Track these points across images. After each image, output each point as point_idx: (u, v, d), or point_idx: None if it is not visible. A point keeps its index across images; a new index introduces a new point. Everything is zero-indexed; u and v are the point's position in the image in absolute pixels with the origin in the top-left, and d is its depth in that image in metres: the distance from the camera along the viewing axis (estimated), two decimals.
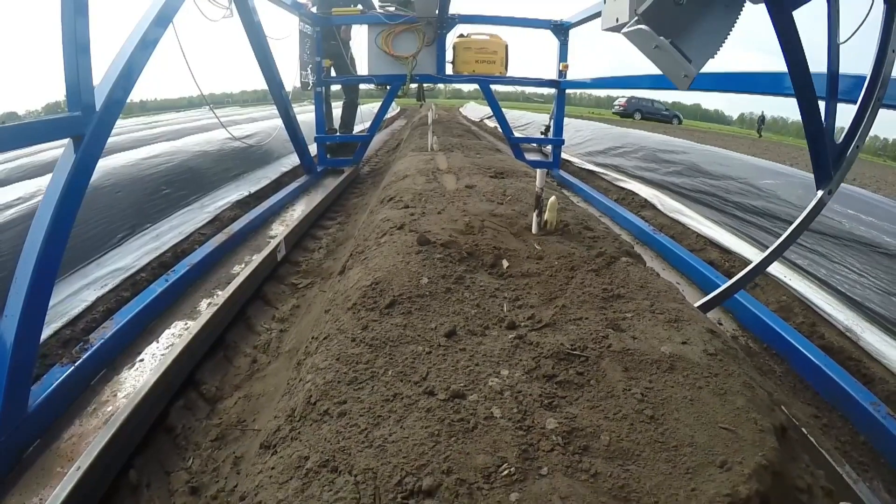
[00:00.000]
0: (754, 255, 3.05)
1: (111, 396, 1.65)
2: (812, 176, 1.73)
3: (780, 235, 1.87)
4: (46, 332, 1.99)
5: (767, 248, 3.11)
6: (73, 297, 2.32)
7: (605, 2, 1.46)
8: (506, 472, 0.65)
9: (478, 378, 0.85)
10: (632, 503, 0.62)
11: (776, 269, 2.85)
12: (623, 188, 4.15)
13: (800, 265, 2.86)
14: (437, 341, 0.97)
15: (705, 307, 1.76)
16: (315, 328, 1.32)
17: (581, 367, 0.88)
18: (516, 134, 5.74)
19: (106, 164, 3.09)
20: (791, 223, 3.19)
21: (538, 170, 1.57)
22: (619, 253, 1.41)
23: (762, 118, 33.18)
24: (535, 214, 1.58)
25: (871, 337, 2.21)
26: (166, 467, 1.52)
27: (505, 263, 1.33)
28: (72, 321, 2.10)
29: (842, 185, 3.90)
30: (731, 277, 2.90)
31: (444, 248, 1.35)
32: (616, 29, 1.74)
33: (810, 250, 2.89)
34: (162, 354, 1.86)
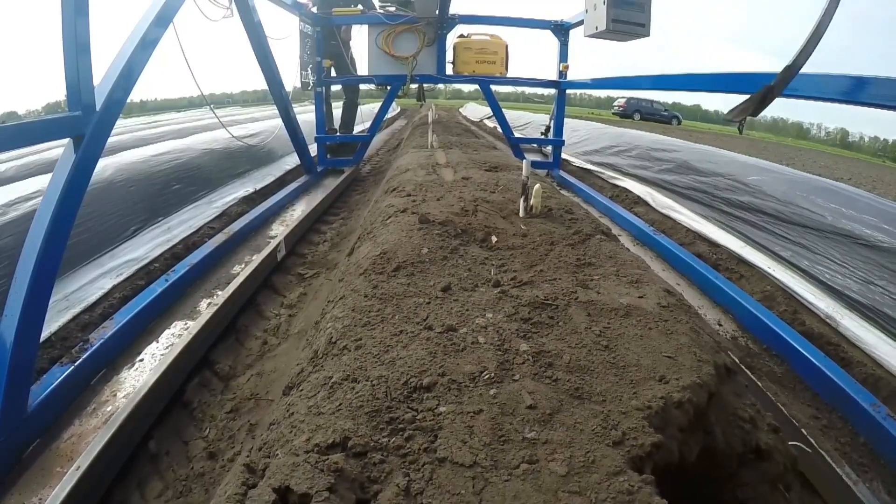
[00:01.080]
0: (740, 248, 3.24)
1: (111, 396, 1.70)
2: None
3: None
4: (66, 317, 2.15)
5: (752, 240, 3.30)
6: (90, 285, 2.49)
7: (586, 11, 1.71)
8: (486, 377, 0.88)
9: (467, 318, 1.08)
10: (584, 400, 0.84)
11: (761, 261, 3.06)
12: (617, 186, 4.39)
13: (784, 257, 3.06)
14: (435, 294, 1.20)
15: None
16: (330, 295, 1.54)
17: (552, 313, 1.11)
18: (516, 134, 5.93)
19: (119, 160, 3.31)
20: (774, 217, 3.35)
21: (524, 161, 1.79)
22: (595, 232, 1.66)
23: None
24: (521, 200, 1.81)
25: (849, 323, 2.38)
26: (184, 437, 1.66)
27: (494, 239, 1.58)
28: (90, 307, 2.28)
29: (824, 180, 4.09)
30: (717, 269, 3.08)
31: (442, 226, 1.60)
32: (597, 35, 1.99)
33: (794, 243, 3.10)
34: (161, 354, 1.93)
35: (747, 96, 1.22)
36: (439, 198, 1.99)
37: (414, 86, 5.27)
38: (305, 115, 6.12)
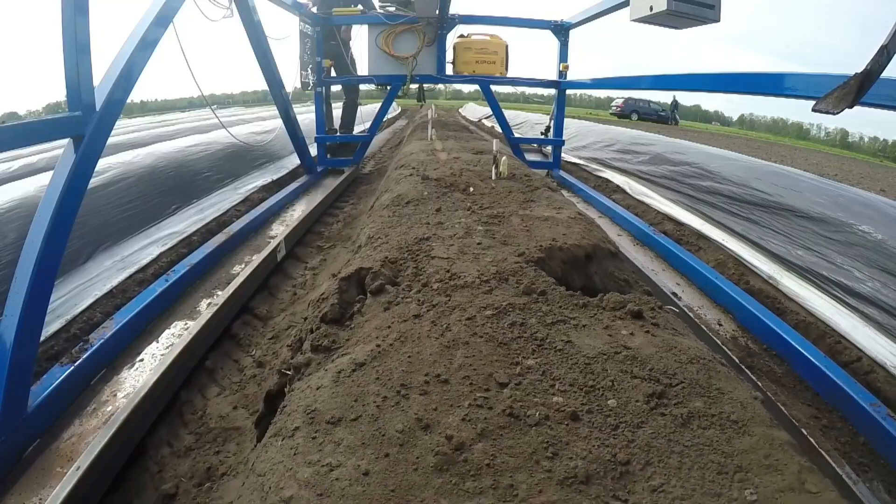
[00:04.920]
0: (701, 226, 4.10)
1: (111, 396, 1.84)
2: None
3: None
4: (124, 275, 2.92)
5: (711, 218, 4.19)
6: (141, 251, 3.30)
7: None
8: (457, 236, 1.90)
9: (450, 220, 2.11)
10: (508, 245, 1.83)
11: (717, 235, 3.93)
12: (600, 177, 5.40)
13: (737, 230, 3.93)
14: (431, 212, 2.25)
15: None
16: (362, 224, 2.52)
17: (500, 220, 2.13)
18: (515, 134, 6.61)
19: (159, 150, 4.34)
20: (730, 198, 4.22)
21: (494, 140, 2.81)
22: (542, 186, 2.73)
23: (675, 104, 33.72)
24: (493, 167, 2.83)
25: (788, 282, 3.16)
26: (234, 357, 2.39)
27: (471, 189, 2.64)
28: (143, 268, 3.08)
29: (773, 165, 5.04)
30: (680, 244, 3.95)
31: (437, 181, 2.69)
32: (649, 19, 2.74)
33: (745, 218, 3.98)
34: (161, 354, 2.16)
35: (837, 86, 1.19)
36: (436, 168, 3.06)
37: (414, 86, 5.82)
38: (306, 115, 6.88)
